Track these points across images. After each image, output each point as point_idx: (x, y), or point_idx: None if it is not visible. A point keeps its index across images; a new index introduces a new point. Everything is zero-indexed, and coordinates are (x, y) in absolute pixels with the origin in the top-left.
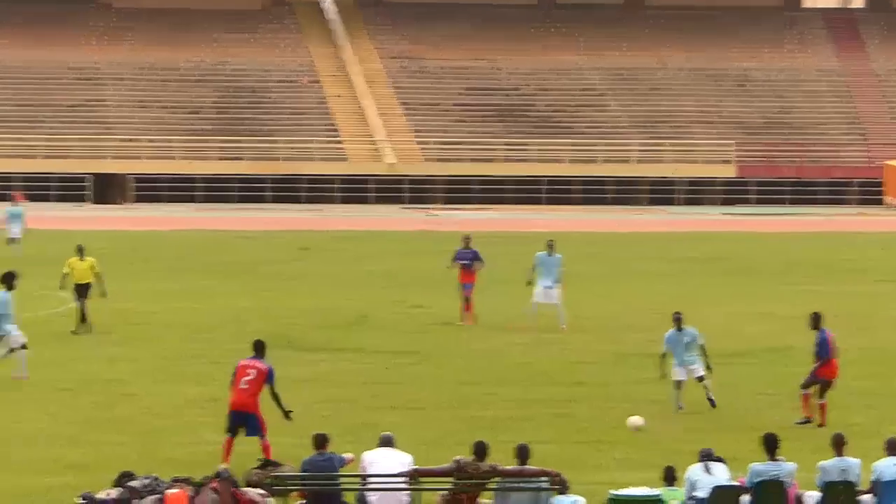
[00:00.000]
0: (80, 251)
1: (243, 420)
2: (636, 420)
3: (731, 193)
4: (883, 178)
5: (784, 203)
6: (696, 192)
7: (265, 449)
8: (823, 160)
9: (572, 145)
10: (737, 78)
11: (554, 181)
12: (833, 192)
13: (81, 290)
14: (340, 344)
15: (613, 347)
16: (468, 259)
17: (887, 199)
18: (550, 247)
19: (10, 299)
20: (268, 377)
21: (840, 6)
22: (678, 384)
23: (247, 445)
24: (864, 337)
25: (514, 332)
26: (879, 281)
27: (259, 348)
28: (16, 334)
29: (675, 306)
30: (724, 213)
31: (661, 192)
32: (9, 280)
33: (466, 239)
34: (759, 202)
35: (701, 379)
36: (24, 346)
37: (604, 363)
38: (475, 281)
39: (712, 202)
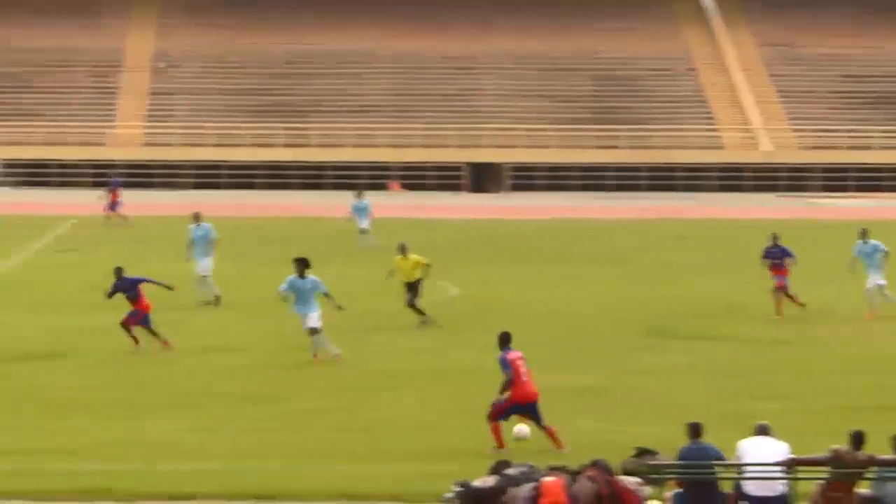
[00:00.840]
0: (403, 250)
1: (529, 409)
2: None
3: None
4: None
5: None
6: None
7: (553, 433)
8: None
9: None
10: None
11: None
12: None
13: (411, 288)
14: (715, 332)
15: None
16: (776, 256)
17: None
18: (863, 235)
19: (305, 284)
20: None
21: None
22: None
23: (616, 435)
24: None
25: (878, 321)
26: None
27: (508, 339)
28: (311, 316)
29: None
30: None
31: None
32: (300, 267)
33: (774, 236)
34: None
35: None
36: (314, 331)
37: None
38: (787, 274)
39: None
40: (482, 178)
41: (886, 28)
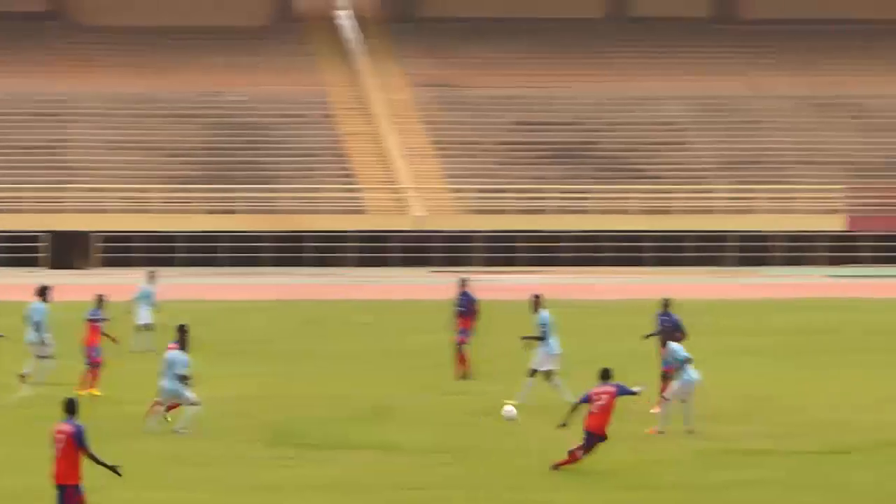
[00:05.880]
0: None
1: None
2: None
3: (839, 251)
4: None
5: None
6: (797, 250)
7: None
8: None
9: (644, 193)
10: (849, 108)
11: (620, 237)
12: None
13: None
14: (357, 440)
15: (696, 443)
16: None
17: None
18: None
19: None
20: None
21: None
22: None
23: None
24: None
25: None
26: None
27: None
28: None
29: (770, 390)
30: (830, 276)
31: (753, 250)
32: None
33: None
34: (875, 261)
35: None
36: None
37: (684, 462)
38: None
39: (816, 262)
40: (67, 249)
41: (565, 65)
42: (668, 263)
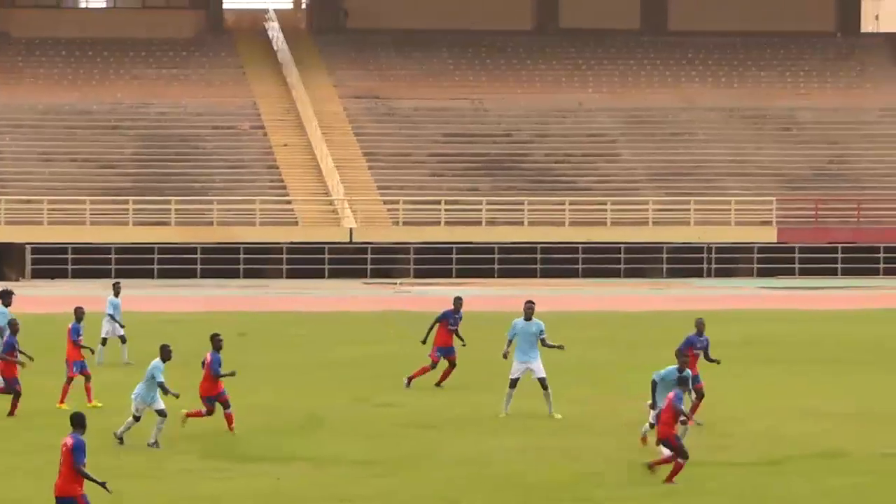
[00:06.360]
0: None
1: None
2: None
3: (770, 263)
4: None
5: (836, 274)
6: (728, 262)
7: None
8: (885, 221)
9: (576, 204)
10: (780, 120)
11: (552, 249)
12: None
13: None
14: (290, 452)
15: (630, 455)
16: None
17: None
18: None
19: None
20: None
21: None
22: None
23: None
24: None
25: (505, 436)
26: None
27: None
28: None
29: (707, 400)
30: (761, 287)
31: (684, 262)
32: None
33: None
34: (805, 273)
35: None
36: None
37: (617, 474)
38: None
39: (747, 273)
40: (0, 261)
41: (496, 77)
42: (601, 275)
